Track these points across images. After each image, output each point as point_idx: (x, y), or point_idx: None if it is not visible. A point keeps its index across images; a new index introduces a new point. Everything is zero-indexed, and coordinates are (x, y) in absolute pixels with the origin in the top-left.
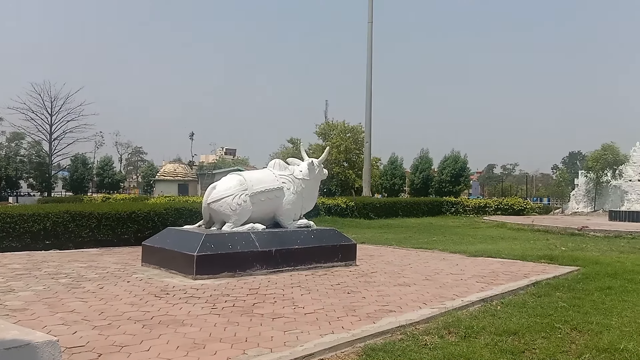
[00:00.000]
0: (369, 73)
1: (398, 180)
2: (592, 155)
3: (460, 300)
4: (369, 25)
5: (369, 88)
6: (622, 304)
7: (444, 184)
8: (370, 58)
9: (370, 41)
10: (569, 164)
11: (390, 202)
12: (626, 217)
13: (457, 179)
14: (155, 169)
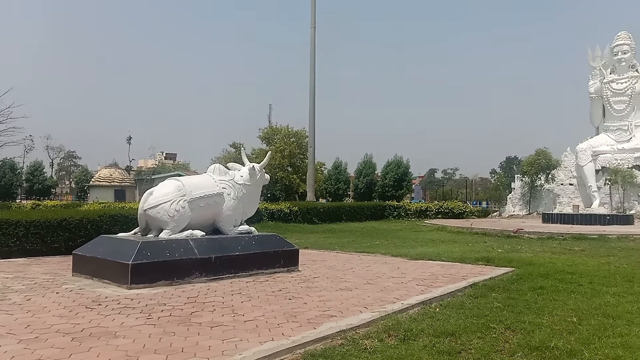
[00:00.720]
0: (312, 77)
1: (342, 185)
2: (526, 160)
3: (400, 303)
4: (312, 30)
5: (312, 92)
6: (553, 303)
7: (387, 188)
8: (314, 62)
9: (314, 46)
10: (506, 169)
11: (334, 206)
12: (558, 219)
13: (400, 184)
14: (90, 174)
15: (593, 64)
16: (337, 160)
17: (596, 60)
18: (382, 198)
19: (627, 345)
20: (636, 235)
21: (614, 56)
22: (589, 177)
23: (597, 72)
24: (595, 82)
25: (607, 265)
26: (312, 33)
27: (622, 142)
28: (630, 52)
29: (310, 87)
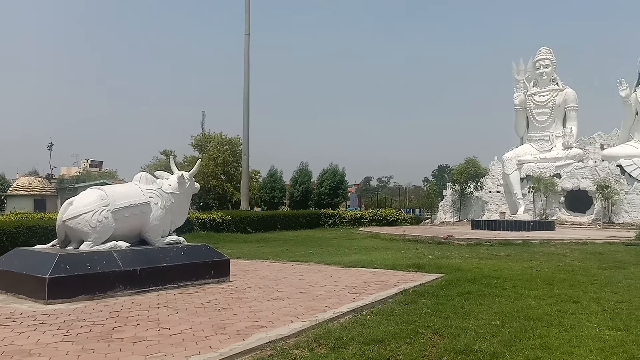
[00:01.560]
0: (246, 84)
1: (278, 193)
2: (457, 168)
3: (332, 311)
4: (245, 37)
5: (246, 100)
6: (479, 307)
7: (323, 196)
8: (248, 70)
9: (247, 53)
10: (439, 177)
11: (269, 215)
12: (486, 225)
13: (336, 192)
14: (7, 182)
15: (517, 77)
16: (272, 169)
17: (520, 74)
18: (318, 206)
19: (546, 346)
20: (557, 240)
21: (536, 70)
22: (515, 185)
23: (522, 85)
24: (520, 95)
25: (529, 269)
26: (246, 40)
27: (544, 151)
28: (551, 67)
29: (244, 94)
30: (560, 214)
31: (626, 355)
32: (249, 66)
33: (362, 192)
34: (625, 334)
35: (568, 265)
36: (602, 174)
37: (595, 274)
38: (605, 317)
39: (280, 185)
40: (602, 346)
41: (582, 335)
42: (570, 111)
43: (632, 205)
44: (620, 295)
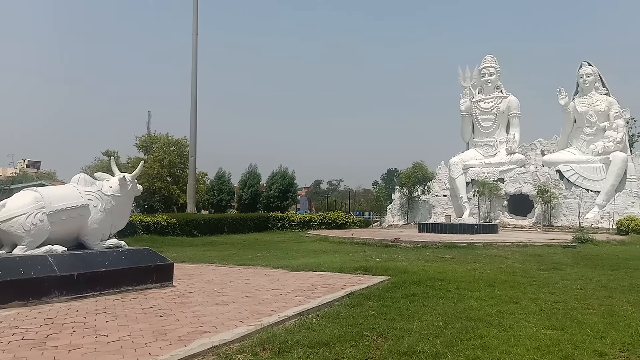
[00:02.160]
0: (194, 85)
1: (226, 196)
2: (405, 172)
3: (277, 315)
4: (193, 37)
5: (194, 100)
6: (423, 309)
7: (272, 199)
8: (195, 70)
9: (195, 53)
10: (388, 180)
11: (216, 218)
12: (433, 228)
13: (285, 195)
14: None
15: (464, 84)
16: (220, 171)
17: (466, 81)
18: (267, 209)
19: (486, 346)
20: (499, 243)
21: (481, 77)
22: (460, 189)
23: (467, 91)
24: (466, 101)
25: (473, 271)
26: (194, 40)
27: (489, 156)
28: (495, 75)
29: (192, 94)
30: (503, 217)
31: (561, 353)
32: (196, 66)
33: (312, 195)
34: (560, 333)
35: (509, 267)
36: (542, 179)
37: (534, 275)
38: (542, 317)
39: (229, 188)
40: (538, 345)
41: (520, 334)
42: (513, 118)
43: (570, 209)
44: (557, 295)
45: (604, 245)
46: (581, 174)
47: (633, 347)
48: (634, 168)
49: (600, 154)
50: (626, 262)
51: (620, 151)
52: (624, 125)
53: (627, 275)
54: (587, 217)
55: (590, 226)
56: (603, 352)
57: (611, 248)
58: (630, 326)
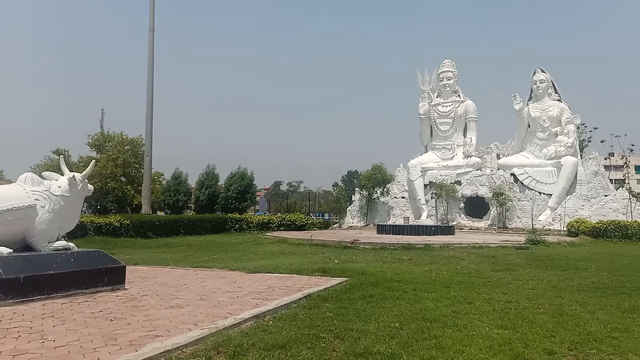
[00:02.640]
0: (150, 83)
1: (182, 197)
2: (364, 174)
3: (233, 318)
4: (150, 34)
5: (150, 98)
6: (380, 310)
7: (230, 200)
8: (152, 67)
9: (152, 50)
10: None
11: (172, 219)
12: (391, 230)
13: (244, 196)
14: None
15: (423, 88)
16: (176, 171)
17: (425, 84)
18: (226, 210)
19: (440, 346)
20: (456, 244)
21: (440, 81)
22: (419, 191)
23: (426, 95)
24: (425, 105)
25: (429, 272)
26: (150, 36)
27: (447, 159)
28: (453, 79)
29: (148, 92)
30: (460, 219)
31: (512, 352)
32: (153, 64)
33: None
34: (512, 332)
35: (465, 268)
36: (497, 182)
37: (488, 276)
38: (495, 317)
39: (185, 189)
40: (490, 344)
41: (474, 334)
42: (470, 122)
43: (524, 211)
44: (510, 295)
45: (555, 247)
46: (534, 177)
47: (581, 346)
48: (584, 172)
49: (552, 158)
50: (575, 262)
51: (571, 156)
52: (575, 131)
53: (576, 276)
54: (540, 219)
55: (542, 228)
56: (552, 351)
57: (562, 249)
58: (579, 325)
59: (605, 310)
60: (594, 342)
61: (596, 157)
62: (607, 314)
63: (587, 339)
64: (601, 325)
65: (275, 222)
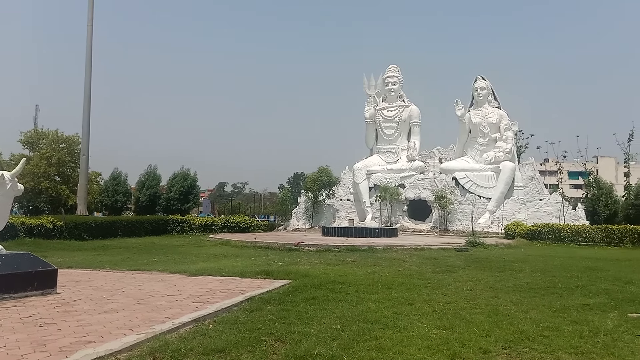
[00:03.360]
0: (87, 79)
1: (121, 198)
2: (310, 176)
3: (171, 322)
4: (88, 28)
5: (87, 95)
6: (323, 312)
7: (172, 201)
8: (90, 62)
9: (90, 45)
10: (294, 184)
11: (109, 221)
12: (336, 232)
13: (187, 197)
14: None
15: (368, 92)
16: (115, 171)
17: (371, 89)
18: (167, 212)
19: (381, 347)
20: (398, 247)
21: (385, 86)
22: (364, 193)
23: (372, 99)
24: (370, 109)
25: (372, 274)
26: (88, 31)
27: (391, 163)
28: (398, 84)
29: (86, 88)
30: (403, 222)
31: (449, 352)
32: (91, 59)
33: (216, 198)
34: (450, 333)
35: (407, 269)
36: (439, 185)
37: (429, 277)
38: (434, 318)
39: (125, 189)
40: (429, 344)
41: (413, 335)
42: (414, 126)
43: (464, 214)
44: (449, 296)
45: (493, 249)
46: (475, 181)
47: (514, 344)
48: (521, 177)
49: (492, 163)
50: (511, 264)
51: (509, 161)
52: (513, 137)
53: (511, 277)
54: (479, 222)
55: (482, 230)
56: (487, 350)
57: (499, 251)
58: (513, 324)
59: (538, 310)
60: (527, 341)
61: (532, 162)
62: (540, 313)
63: (520, 337)
64: (534, 324)
65: (218, 224)
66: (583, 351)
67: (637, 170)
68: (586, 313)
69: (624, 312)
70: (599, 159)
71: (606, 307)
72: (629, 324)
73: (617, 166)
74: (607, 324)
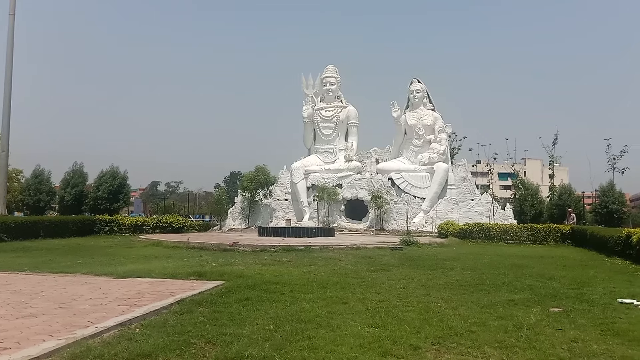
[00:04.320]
0: (9, 70)
1: (45, 197)
2: (247, 175)
3: (95, 327)
4: (10, 17)
5: (8, 87)
6: (256, 313)
7: (100, 201)
8: (12, 54)
9: (12, 35)
10: (230, 183)
11: (31, 221)
12: (272, 232)
13: (116, 196)
14: None
15: (306, 92)
16: (38, 168)
17: (309, 88)
18: (95, 212)
19: (313, 347)
20: (335, 246)
21: (323, 86)
22: (301, 193)
23: (310, 99)
24: (308, 108)
25: (308, 274)
26: (10, 20)
27: (329, 163)
28: (336, 84)
29: (6, 80)
30: (340, 221)
31: (381, 349)
32: (12, 51)
33: (148, 198)
34: (382, 330)
35: (342, 269)
36: (376, 186)
37: (364, 276)
38: (367, 316)
39: (48, 188)
40: (361, 343)
41: (346, 333)
42: (352, 127)
43: (399, 213)
44: (382, 295)
45: (426, 248)
46: (410, 181)
47: (443, 340)
48: (454, 178)
49: (426, 164)
50: (443, 262)
51: (443, 162)
52: (447, 139)
53: (443, 275)
54: (414, 222)
55: (416, 230)
56: (417, 346)
57: (432, 250)
58: (442, 321)
59: (467, 306)
60: (455, 336)
61: (464, 164)
62: (468, 309)
63: (449, 333)
64: (462, 320)
65: (150, 224)
66: (507, 345)
67: (561, 172)
68: (511, 308)
69: (546, 307)
70: (527, 161)
71: (530, 303)
72: (550, 318)
73: (543, 168)
74: (530, 318)
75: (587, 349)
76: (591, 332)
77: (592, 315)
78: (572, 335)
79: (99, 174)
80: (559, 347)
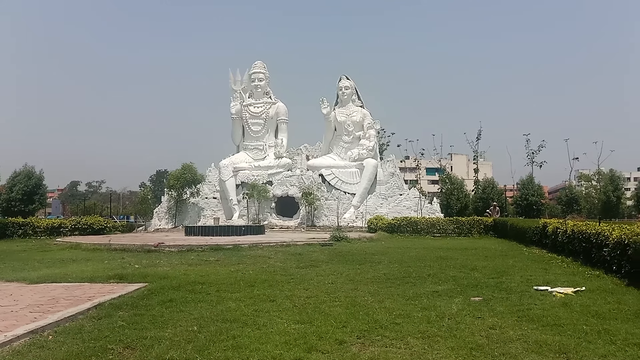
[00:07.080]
0: None
1: None
2: (173, 174)
3: (3, 335)
4: None
5: None
6: (179, 314)
7: (14, 202)
8: None
9: None
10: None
11: None
12: (200, 231)
13: (31, 197)
14: None
15: (234, 87)
16: None
17: (237, 84)
18: (8, 214)
19: (238, 346)
20: (264, 244)
21: (251, 82)
22: (231, 191)
23: (238, 95)
24: (236, 104)
25: (235, 272)
26: None
27: (259, 160)
28: (265, 81)
29: None
30: (271, 219)
31: (306, 345)
32: None
33: (68, 198)
34: (308, 326)
35: (271, 266)
36: (307, 182)
37: (292, 273)
38: (294, 313)
39: None
40: (287, 340)
41: (272, 331)
42: (281, 124)
43: (330, 209)
44: (310, 291)
45: (355, 243)
46: (340, 178)
47: (368, 333)
48: (383, 173)
49: (356, 160)
50: (372, 256)
51: (372, 158)
52: (375, 135)
53: (371, 269)
54: (345, 217)
55: (347, 225)
56: (343, 340)
57: (361, 245)
58: (368, 314)
59: (393, 299)
60: (380, 329)
61: (393, 159)
62: (394, 302)
63: (375, 326)
64: (387, 313)
65: (68, 227)
66: (429, 335)
67: (485, 166)
68: (435, 299)
69: (467, 296)
70: (453, 156)
71: (453, 293)
72: (471, 307)
73: (468, 163)
74: (452, 308)
75: (504, 335)
76: (508, 319)
77: (509, 303)
78: (490, 323)
79: (11, 174)
80: (478, 335)
